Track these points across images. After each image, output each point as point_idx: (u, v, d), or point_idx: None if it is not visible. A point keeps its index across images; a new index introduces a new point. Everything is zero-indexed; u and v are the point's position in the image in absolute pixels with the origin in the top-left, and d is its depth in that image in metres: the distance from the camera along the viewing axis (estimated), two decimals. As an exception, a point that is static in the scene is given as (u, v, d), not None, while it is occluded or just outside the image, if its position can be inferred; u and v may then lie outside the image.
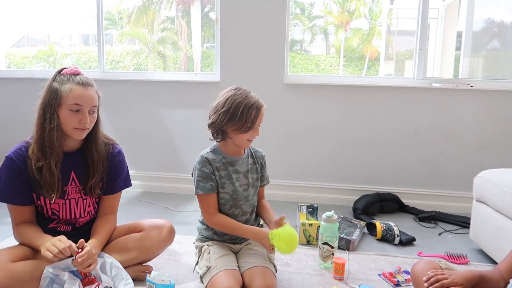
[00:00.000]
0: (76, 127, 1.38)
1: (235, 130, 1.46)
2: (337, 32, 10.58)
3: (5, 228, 2.11)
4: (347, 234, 2.02)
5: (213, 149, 1.58)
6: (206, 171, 1.51)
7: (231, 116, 1.44)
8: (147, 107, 2.99)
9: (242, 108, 1.43)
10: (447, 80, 2.79)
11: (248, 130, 1.46)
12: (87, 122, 1.39)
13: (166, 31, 10.08)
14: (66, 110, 1.36)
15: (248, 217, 1.60)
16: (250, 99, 1.46)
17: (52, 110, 1.36)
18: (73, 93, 1.36)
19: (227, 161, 1.55)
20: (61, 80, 1.39)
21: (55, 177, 1.39)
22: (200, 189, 1.50)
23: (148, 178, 3.01)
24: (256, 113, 1.46)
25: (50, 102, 1.37)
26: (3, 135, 3.19)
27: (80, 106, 1.37)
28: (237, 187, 1.54)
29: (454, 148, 2.68)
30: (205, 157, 1.53)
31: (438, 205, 2.65)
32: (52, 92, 1.37)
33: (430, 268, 1.27)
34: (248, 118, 1.44)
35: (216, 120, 1.47)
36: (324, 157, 2.82)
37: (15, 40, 9.14)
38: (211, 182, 1.51)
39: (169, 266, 1.73)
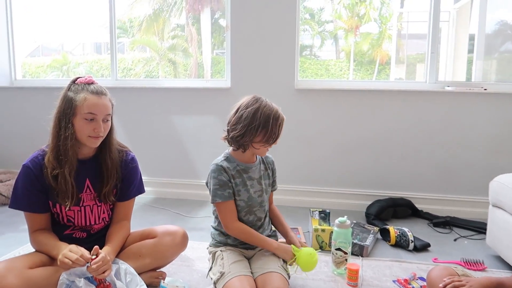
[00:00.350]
0: (90, 135, 1.41)
1: (262, 142, 1.48)
2: (346, 36, 10.56)
3: (21, 235, 2.15)
4: (360, 240, 2.00)
5: (227, 156, 1.58)
6: (223, 179, 1.51)
7: (262, 129, 1.46)
8: (158, 114, 3.02)
9: (272, 121, 1.46)
10: (460, 84, 2.76)
11: (275, 141, 1.49)
12: (101, 131, 1.41)
13: (176, 38, 10.21)
14: (80, 119, 1.39)
15: (262, 222, 1.60)
16: (276, 111, 1.49)
17: (67, 119, 1.39)
18: (87, 102, 1.38)
19: (241, 168, 1.55)
20: (76, 90, 1.42)
21: (69, 184, 1.41)
22: (219, 197, 1.50)
23: (160, 184, 3.03)
24: (282, 125, 1.50)
25: (65, 111, 1.39)
26: (20, 144, 3.26)
27: (94, 115, 1.39)
28: (252, 193, 1.55)
29: (468, 152, 2.64)
30: (220, 165, 1.53)
31: (453, 210, 2.61)
32: (67, 101, 1.40)
33: (446, 275, 1.25)
34: (277, 130, 1.48)
35: (245, 134, 1.47)
36: (336, 162, 2.80)
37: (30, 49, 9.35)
38: (229, 190, 1.51)
39: (182, 272, 1.74)
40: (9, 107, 3.29)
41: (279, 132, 1.49)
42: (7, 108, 3.30)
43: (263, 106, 1.47)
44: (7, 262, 1.33)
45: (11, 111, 3.29)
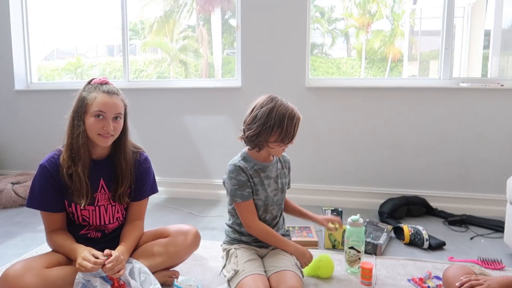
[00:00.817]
0: (99, 133, 1.42)
1: (277, 141, 1.47)
2: (358, 34, 10.47)
3: (39, 235, 2.19)
4: (373, 239, 1.98)
5: (244, 156, 1.58)
6: (242, 179, 1.51)
7: (277, 128, 1.45)
8: (170, 114, 3.04)
9: (287, 121, 1.45)
10: (475, 80, 2.71)
11: (291, 141, 1.48)
12: (110, 129, 1.42)
13: (187, 39, 10.27)
14: (90, 116, 1.41)
15: (277, 221, 1.61)
16: (291, 110, 1.48)
17: (79, 117, 1.42)
18: (97, 101, 1.41)
19: (258, 167, 1.55)
20: (89, 89, 1.45)
21: (83, 183, 1.43)
22: (239, 197, 1.51)
23: (173, 184, 3.06)
24: (298, 124, 1.49)
25: (78, 110, 1.43)
26: (37, 145, 3.33)
27: (103, 112, 1.41)
28: (269, 193, 1.56)
29: (484, 150, 2.59)
30: (238, 165, 1.53)
31: (469, 208, 2.56)
32: (80, 100, 1.44)
33: (463, 274, 1.22)
34: (292, 130, 1.47)
35: (260, 134, 1.47)
36: (348, 160, 2.78)
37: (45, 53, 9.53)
38: (248, 189, 1.52)
39: (195, 271, 1.75)
40: (25, 110, 3.36)
41: (295, 132, 1.48)
42: (23, 111, 3.37)
43: (279, 105, 1.47)
44: (25, 262, 1.36)
45: (28, 113, 3.36)
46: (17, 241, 2.14)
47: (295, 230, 2.17)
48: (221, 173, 2.96)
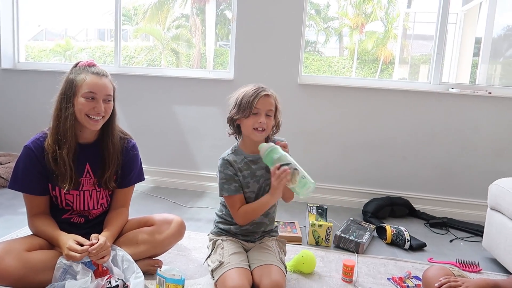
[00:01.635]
0: (89, 115, 1.40)
1: (239, 116, 1.48)
2: (351, 34, 10.52)
3: (20, 218, 2.15)
4: (356, 237, 2.01)
5: (234, 150, 1.58)
6: (229, 173, 1.52)
7: (236, 102, 1.50)
8: (160, 102, 3.01)
9: (244, 94, 1.49)
10: (464, 86, 2.75)
11: (249, 114, 1.46)
12: (101, 110, 1.40)
13: (180, 28, 10.16)
14: (80, 98, 1.39)
15: (268, 211, 1.59)
16: (253, 87, 1.50)
17: (68, 99, 1.39)
18: (87, 81, 1.39)
19: (249, 160, 1.55)
20: (77, 71, 1.43)
21: (67, 166, 1.40)
22: (226, 191, 1.51)
23: (159, 173, 3.03)
24: (256, 97, 1.46)
25: (66, 93, 1.40)
26: (22, 126, 3.25)
27: (94, 93, 1.39)
28: (262, 184, 1.55)
29: (469, 155, 2.64)
30: (226, 159, 1.53)
31: (450, 212, 2.62)
32: (68, 82, 1.41)
33: (442, 274, 1.25)
34: (247, 102, 1.46)
35: (234, 112, 1.51)
36: (335, 159, 2.80)
37: (33, 33, 9.30)
38: (235, 183, 1.51)
39: (178, 262, 1.75)
40: (11, 89, 3.28)
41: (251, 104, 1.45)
42: (9, 90, 3.28)
43: (249, 86, 1.52)
44: (5, 244, 1.33)
45: (13, 93, 3.28)
46: (-4, 223, 2.10)
47: (279, 225, 2.18)
48: (209, 165, 2.96)
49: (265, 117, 1.48)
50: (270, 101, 1.49)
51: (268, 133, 1.53)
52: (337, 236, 2.02)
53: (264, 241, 1.59)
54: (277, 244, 1.60)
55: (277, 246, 1.59)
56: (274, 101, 1.52)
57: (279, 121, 1.58)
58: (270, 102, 1.49)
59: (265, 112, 1.48)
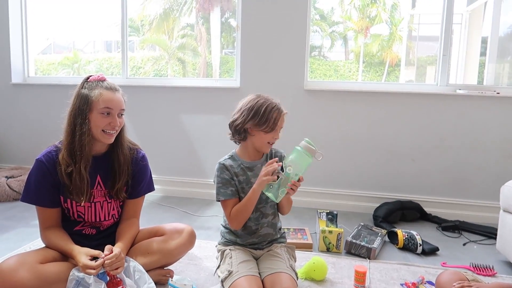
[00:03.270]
0: (104, 130, 1.43)
1: (257, 127, 1.48)
2: (356, 37, 10.52)
3: (32, 230, 2.18)
4: (367, 242, 1.99)
5: (231, 155, 1.60)
6: (226, 177, 1.53)
7: (254, 113, 1.48)
8: (168, 112, 3.04)
9: (265, 108, 1.48)
10: (472, 87, 2.73)
11: (270, 130, 1.48)
12: (117, 125, 1.44)
13: (186, 37, 10.25)
14: (97, 114, 1.41)
15: (269, 220, 1.59)
16: (273, 101, 1.52)
17: (83, 115, 1.41)
18: (103, 97, 1.42)
19: (245, 166, 1.56)
20: (90, 87, 1.44)
21: (84, 180, 1.43)
22: (222, 195, 1.52)
23: (168, 182, 3.05)
24: (278, 115, 1.49)
25: (81, 108, 1.42)
26: (33, 139, 3.31)
27: (110, 109, 1.42)
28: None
29: (479, 157, 2.61)
30: (223, 164, 1.55)
31: (462, 215, 2.58)
32: (82, 98, 1.43)
33: (456, 279, 1.23)
34: (270, 117, 1.47)
35: (239, 118, 1.51)
36: (344, 164, 2.79)
37: (42, 47, 9.47)
38: (231, 188, 1.53)
39: (189, 271, 1.75)
40: (22, 104, 3.34)
41: (275, 121, 1.47)
42: (20, 104, 3.34)
43: (260, 97, 1.52)
44: (19, 256, 1.35)
45: (24, 107, 3.34)
46: (10, 236, 2.12)
47: (289, 232, 2.17)
48: (217, 173, 2.97)
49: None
50: (284, 118, 1.54)
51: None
52: (348, 242, 2.00)
53: (273, 248, 1.58)
54: (286, 251, 1.59)
55: (287, 253, 1.58)
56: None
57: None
58: (284, 120, 1.54)
59: (280, 128, 1.53)
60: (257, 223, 1.57)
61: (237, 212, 1.50)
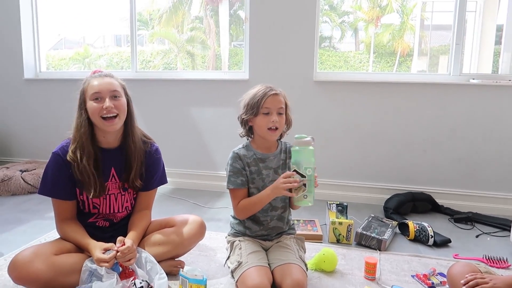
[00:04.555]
0: (102, 116, 1.43)
1: (251, 115, 1.51)
2: (367, 27, 10.36)
3: (47, 222, 2.23)
4: (378, 234, 1.98)
5: (245, 145, 1.61)
6: (237, 166, 1.54)
7: (247, 104, 1.53)
8: (177, 105, 3.05)
9: (254, 95, 1.52)
10: (486, 76, 2.67)
11: (257, 112, 1.49)
12: (109, 106, 1.43)
13: (194, 30, 10.24)
14: (90, 102, 1.44)
15: (278, 213, 1.60)
16: (261, 88, 1.53)
17: (81, 107, 1.46)
18: (90, 84, 1.46)
19: (258, 157, 1.56)
20: (84, 81, 1.50)
21: (89, 174, 1.44)
22: (231, 184, 1.54)
23: (179, 175, 3.07)
24: (264, 96, 1.49)
25: (80, 102, 1.47)
26: (46, 134, 3.36)
27: (99, 93, 1.44)
28: (267, 183, 1.55)
29: (493, 147, 2.57)
30: (237, 153, 1.57)
31: (475, 206, 2.55)
32: (80, 93, 1.49)
33: (468, 271, 1.22)
34: (255, 102, 1.50)
35: (240, 112, 1.56)
36: (354, 155, 2.77)
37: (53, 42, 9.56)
38: (242, 177, 1.53)
39: (200, 262, 1.77)
40: (34, 99, 3.39)
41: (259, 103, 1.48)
42: (32, 99, 3.39)
43: (255, 87, 1.55)
44: (34, 248, 1.38)
45: (36, 102, 3.39)
46: (26, 228, 2.17)
47: (299, 224, 2.17)
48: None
49: (277, 115, 1.50)
50: (279, 99, 1.52)
51: (281, 131, 1.56)
52: (359, 233, 2.00)
53: (282, 240, 1.59)
54: (295, 242, 1.60)
55: (296, 244, 1.59)
56: (283, 98, 1.54)
57: (290, 118, 1.60)
58: (279, 100, 1.52)
59: (277, 111, 1.50)
60: (265, 214, 1.58)
61: (245, 207, 1.52)
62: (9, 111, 3.46)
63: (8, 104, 3.45)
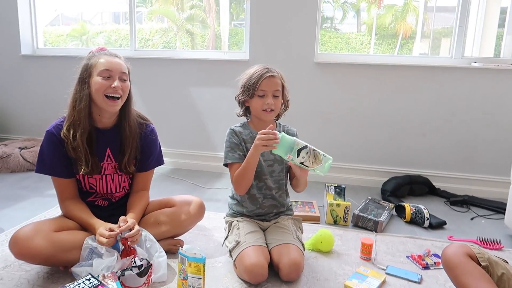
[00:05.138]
0: (107, 94, 1.42)
1: (247, 96, 1.53)
2: (369, 8, 10.17)
3: (47, 200, 2.24)
4: (375, 216, 2.01)
5: (243, 124, 1.63)
6: (234, 141, 1.56)
7: (243, 85, 1.54)
8: (177, 85, 3.02)
9: (250, 76, 1.52)
10: (488, 60, 2.65)
11: (252, 94, 1.50)
12: (118, 87, 1.42)
13: (194, 8, 10.04)
14: (96, 77, 1.42)
15: (273, 193, 1.61)
16: (258, 69, 1.52)
17: (83, 81, 1.43)
18: (101, 61, 1.43)
19: (254, 135, 1.56)
20: (90, 57, 1.46)
21: (81, 149, 1.43)
22: (230, 159, 1.55)
23: (178, 155, 3.08)
24: (260, 78, 1.49)
25: (82, 76, 1.44)
26: (43, 111, 3.34)
27: (110, 71, 1.42)
28: (262, 161, 1.56)
29: (492, 132, 2.57)
30: (233, 129, 1.60)
31: (471, 189, 2.58)
32: (83, 67, 1.45)
33: (462, 252, 1.24)
34: (250, 84, 1.50)
35: (238, 92, 1.57)
36: (353, 138, 2.78)
37: (50, 18, 9.38)
38: (239, 152, 1.55)
39: (199, 241, 1.79)
40: (32, 75, 3.35)
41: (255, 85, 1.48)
42: (30, 76, 3.36)
43: (253, 67, 1.55)
44: (35, 224, 1.39)
45: (34, 79, 3.35)
46: (25, 205, 2.19)
47: (297, 205, 2.20)
48: (226, 146, 2.98)
49: (273, 98, 1.50)
50: (276, 81, 1.51)
51: (277, 113, 1.57)
52: (356, 215, 2.02)
53: (280, 220, 1.61)
54: (293, 223, 1.62)
55: (293, 225, 1.61)
56: (280, 80, 1.53)
57: (287, 99, 1.60)
58: (275, 83, 1.51)
59: (272, 93, 1.50)
60: (260, 192, 1.60)
61: (238, 176, 1.51)
62: (7, 88, 3.43)
63: (5, 81, 3.41)
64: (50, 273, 1.45)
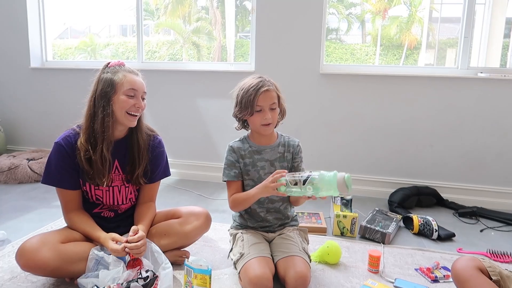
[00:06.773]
0: (128, 112, 1.45)
1: (243, 115, 1.52)
2: (374, 19, 10.24)
3: (53, 211, 2.25)
4: (382, 227, 1.99)
5: (242, 138, 1.63)
6: (231, 159, 1.57)
7: (238, 101, 1.53)
8: (183, 96, 3.05)
9: (244, 92, 1.50)
10: (494, 70, 2.64)
11: (252, 112, 1.49)
12: (141, 106, 1.48)
13: (200, 21, 10.17)
14: (121, 95, 1.44)
15: (276, 206, 1.60)
16: (254, 82, 1.50)
17: (107, 97, 1.43)
18: (128, 79, 1.45)
19: (254, 149, 1.58)
20: (112, 71, 1.47)
21: (107, 162, 1.45)
22: (225, 176, 1.57)
23: (184, 166, 3.08)
24: (255, 95, 1.47)
25: (105, 91, 1.44)
26: (52, 123, 3.38)
27: (135, 90, 1.46)
28: (262, 175, 1.56)
29: (499, 142, 2.55)
30: (231, 146, 1.60)
31: (480, 201, 2.54)
32: (106, 81, 1.45)
33: (472, 265, 1.22)
34: (247, 101, 1.48)
35: (234, 107, 1.57)
36: (360, 149, 2.76)
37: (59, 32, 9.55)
38: (235, 170, 1.56)
39: (205, 252, 1.78)
40: (41, 88, 3.40)
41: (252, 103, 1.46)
42: (39, 88, 3.41)
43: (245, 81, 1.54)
44: (41, 236, 1.39)
45: (43, 91, 3.40)
46: (32, 216, 2.20)
47: (304, 216, 2.18)
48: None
49: (270, 111, 1.50)
50: (271, 94, 1.50)
51: (275, 124, 1.57)
52: (363, 227, 2.00)
53: (285, 231, 1.60)
54: (298, 234, 1.61)
55: (299, 236, 1.59)
56: (275, 92, 1.52)
57: (284, 108, 1.59)
58: (271, 96, 1.50)
59: (269, 107, 1.50)
60: (262, 206, 1.59)
61: (234, 201, 1.54)
62: (16, 100, 3.48)
63: (15, 93, 3.47)
64: (56, 284, 1.45)
